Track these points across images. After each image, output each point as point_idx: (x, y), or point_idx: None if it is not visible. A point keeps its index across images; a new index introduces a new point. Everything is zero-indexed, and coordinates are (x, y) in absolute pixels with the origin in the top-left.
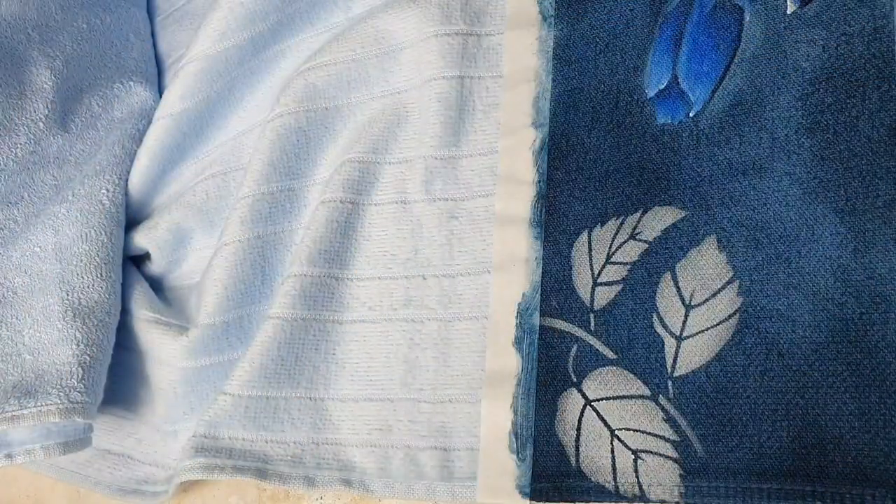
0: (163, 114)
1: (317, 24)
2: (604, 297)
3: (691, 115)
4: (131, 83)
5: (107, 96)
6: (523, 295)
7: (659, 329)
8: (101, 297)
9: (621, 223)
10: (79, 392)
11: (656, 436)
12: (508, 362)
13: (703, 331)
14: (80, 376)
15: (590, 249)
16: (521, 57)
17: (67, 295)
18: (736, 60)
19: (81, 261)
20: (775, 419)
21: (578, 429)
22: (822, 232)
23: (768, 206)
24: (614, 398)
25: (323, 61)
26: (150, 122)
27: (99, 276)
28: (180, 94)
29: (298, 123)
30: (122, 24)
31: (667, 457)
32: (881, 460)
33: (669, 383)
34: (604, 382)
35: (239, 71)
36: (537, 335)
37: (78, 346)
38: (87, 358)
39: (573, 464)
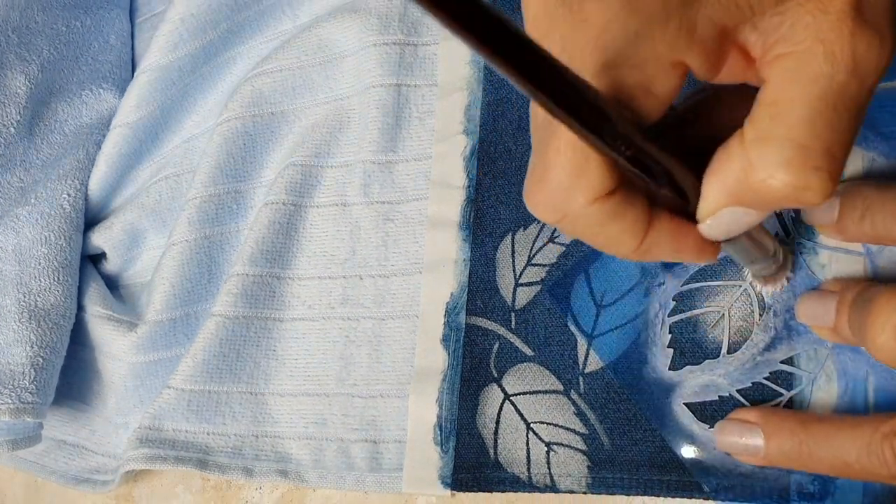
0: (119, 122)
1: (265, 31)
2: (524, 296)
3: None
4: (101, 90)
5: (76, 102)
6: (451, 295)
7: (572, 327)
8: (58, 300)
9: (542, 227)
10: (30, 393)
11: (567, 429)
12: (436, 359)
13: (611, 330)
14: (32, 377)
15: (513, 252)
16: (454, 66)
17: (24, 297)
18: None
19: (40, 263)
20: None
21: (497, 422)
22: None
23: None
24: (531, 393)
25: (269, 68)
26: None
27: (56, 279)
28: (135, 104)
29: (245, 128)
30: (102, 26)
31: (576, 449)
32: None
33: (580, 379)
34: (522, 378)
35: (191, 78)
36: (463, 333)
37: (32, 347)
38: (40, 360)
39: (492, 455)
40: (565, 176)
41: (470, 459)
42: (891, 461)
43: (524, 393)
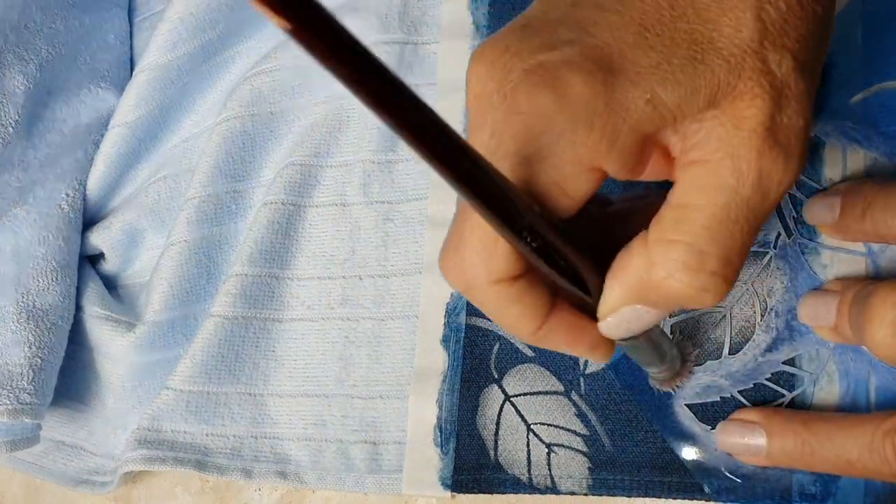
0: (118, 122)
1: (265, 30)
2: None
3: None
4: (99, 89)
5: (74, 101)
6: (451, 295)
7: None
8: (56, 300)
9: None
10: (28, 394)
11: (568, 430)
12: (436, 359)
13: None
14: (30, 378)
15: None
16: (454, 66)
17: (22, 297)
18: None
19: (38, 264)
20: None
21: (498, 423)
22: None
23: None
24: (531, 394)
25: (268, 67)
26: None
27: (54, 279)
28: (134, 103)
29: (244, 127)
30: (101, 26)
31: (577, 450)
32: None
33: (581, 380)
34: (522, 379)
35: (190, 77)
36: (463, 333)
37: (30, 348)
38: (39, 360)
39: (492, 457)
40: (474, 255)
41: (470, 461)
42: (892, 458)
43: (525, 394)
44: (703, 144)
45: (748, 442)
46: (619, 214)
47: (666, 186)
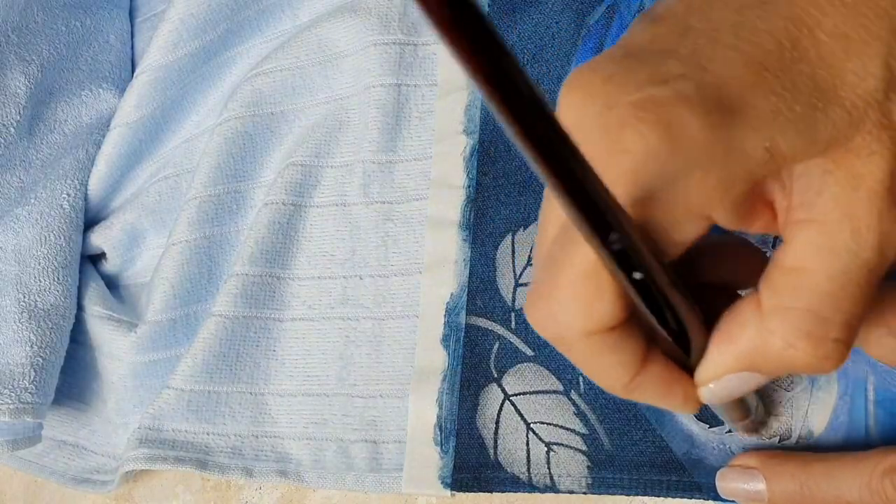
0: (119, 122)
1: (265, 31)
2: (524, 297)
3: None
4: (100, 90)
5: (76, 102)
6: (451, 295)
7: None
8: (57, 300)
9: None
10: (30, 393)
11: (567, 429)
12: (436, 359)
13: None
14: (31, 378)
15: (513, 252)
16: (454, 66)
17: (24, 297)
18: None
19: (39, 263)
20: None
21: (497, 422)
22: None
23: None
24: (531, 393)
25: (269, 68)
26: None
27: (56, 279)
28: (135, 104)
29: (245, 128)
30: (102, 26)
31: (576, 449)
32: None
33: (580, 379)
34: (522, 378)
35: (191, 77)
36: (463, 333)
37: (31, 347)
38: (40, 360)
39: (492, 455)
40: (574, 302)
41: (470, 460)
42: (892, 498)
43: (524, 393)
44: (814, 203)
45: (748, 488)
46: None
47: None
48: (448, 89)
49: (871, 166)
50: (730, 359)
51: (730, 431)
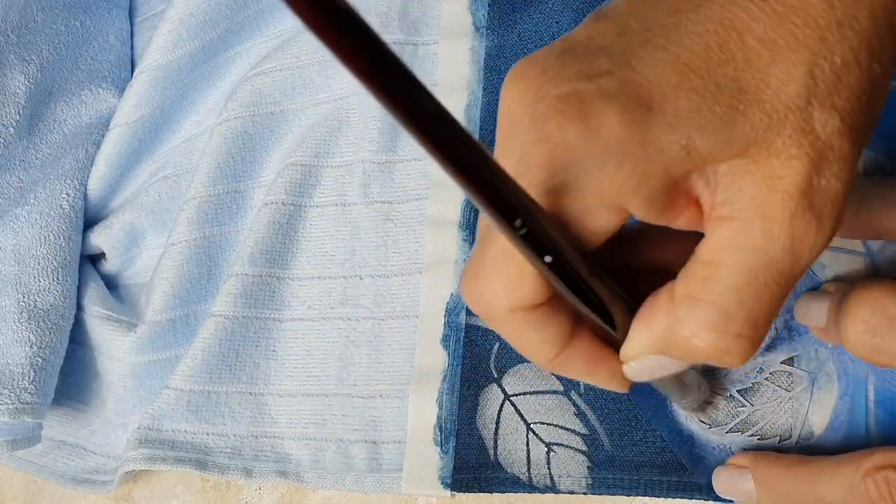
0: (118, 122)
1: (265, 30)
2: None
3: None
4: (100, 90)
5: (75, 102)
6: (451, 295)
7: None
8: (57, 300)
9: None
10: (29, 393)
11: (567, 429)
12: (436, 359)
13: None
14: (31, 378)
15: None
16: (454, 66)
17: (24, 297)
18: None
19: (39, 263)
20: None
21: (497, 422)
22: None
23: None
24: (531, 393)
25: (268, 67)
26: None
27: (55, 279)
28: (135, 103)
29: (244, 127)
30: (102, 26)
31: (576, 449)
32: None
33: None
34: (522, 378)
35: (191, 77)
36: (463, 333)
37: (31, 348)
38: (40, 360)
39: (492, 456)
40: (495, 282)
41: (470, 460)
42: (875, 498)
43: (524, 393)
44: (734, 201)
45: (739, 487)
46: (634, 234)
47: None
48: (448, 89)
49: (788, 169)
50: (645, 341)
51: (730, 432)
